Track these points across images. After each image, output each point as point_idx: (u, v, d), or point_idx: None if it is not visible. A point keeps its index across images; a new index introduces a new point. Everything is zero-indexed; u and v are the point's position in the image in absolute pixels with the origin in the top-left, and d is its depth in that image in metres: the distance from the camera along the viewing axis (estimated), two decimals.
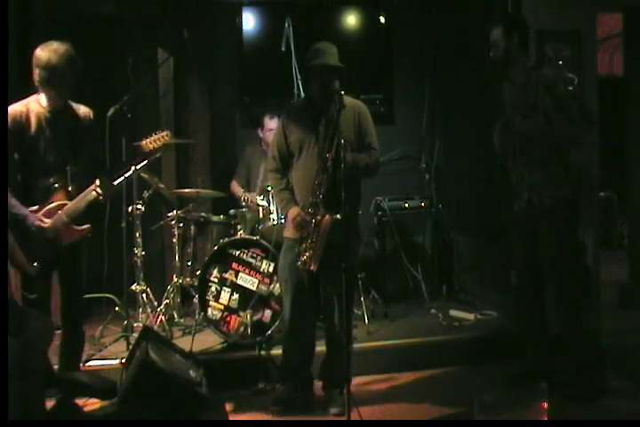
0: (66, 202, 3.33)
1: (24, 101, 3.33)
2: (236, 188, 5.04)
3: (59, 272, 3.43)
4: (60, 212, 3.31)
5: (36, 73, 3.26)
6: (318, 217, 3.28)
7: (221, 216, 4.70)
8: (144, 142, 3.69)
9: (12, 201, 3.18)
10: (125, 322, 4.11)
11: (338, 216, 3.19)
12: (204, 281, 4.19)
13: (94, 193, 3.33)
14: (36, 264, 3.25)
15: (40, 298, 3.28)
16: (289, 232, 3.49)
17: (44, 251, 3.28)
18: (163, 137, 3.73)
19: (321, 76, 3.39)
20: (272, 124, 4.87)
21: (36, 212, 3.27)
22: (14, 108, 3.26)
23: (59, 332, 3.29)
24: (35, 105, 3.32)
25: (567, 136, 3.47)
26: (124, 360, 3.58)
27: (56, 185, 3.31)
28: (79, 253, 3.48)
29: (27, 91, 3.41)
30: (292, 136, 3.47)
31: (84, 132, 3.41)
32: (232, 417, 3.46)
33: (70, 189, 3.35)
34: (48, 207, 3.30)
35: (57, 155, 3.30)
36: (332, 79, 3.38)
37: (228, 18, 5.50)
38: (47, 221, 3.27)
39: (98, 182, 3.33)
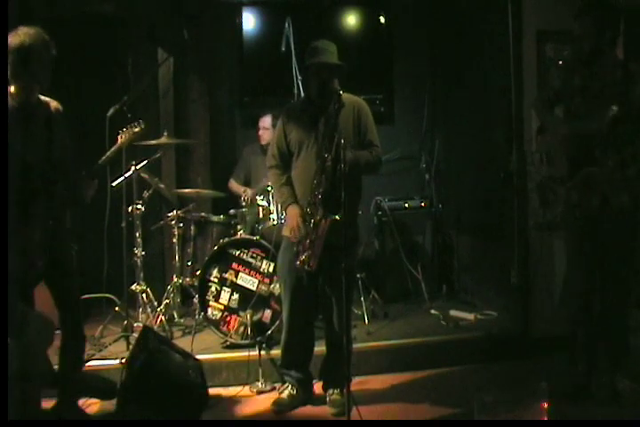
0: None
1: None
2: (234, 186, 5.04)
3: (46, 278, 3.22)
4: None
5: (9, 61, 2.97)
6: (317, 217, 3.28)
7: (221, 216, 4.70)
8: (119, 137, 3.66)
9: None
10: (125, 322, 4.11)
11: (336, 217, 3.18)
12: (204, 281, 4.19)
13: None
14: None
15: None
16: (287, 231, 3.49)
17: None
18: (134, 129, 3.68)
19: (319, 75, 3.37)
20: (263, 122, 4.88)
21: None
22: None
23: (59, 332, 3.28)
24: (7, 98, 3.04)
25: None
26: (124, 360, 3.58)
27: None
28: (69, 260, 3.30)
29: None
30: (291, 135, 3.46)
31: (58, 127, 3.18)
32: (232, 417, 3.46)
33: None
34: None
35: (33, 152, 3.06)
36: (330, 77, 3.36)
37: (228, 18, 5.51)
38: None
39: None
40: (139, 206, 4.41)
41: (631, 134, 3.25)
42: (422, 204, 5.36)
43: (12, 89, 3.05)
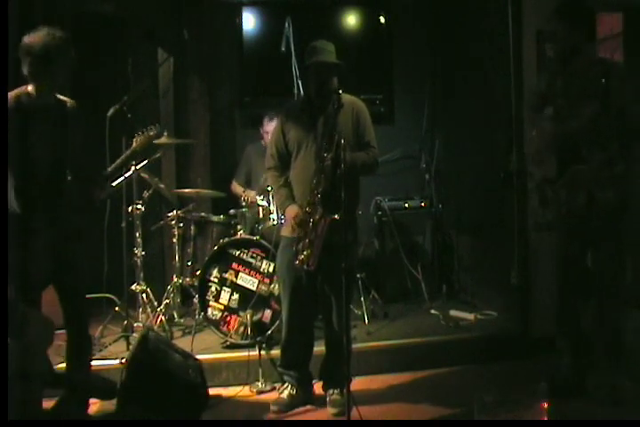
0: None
1: (12, 93, 3.03)
2: (237, 188, 5.04)
3: (54, 281, 3.23)
4: None
5: (28, 61, 2.96)
6: (316, 217, 3.28)
7: (221, 216, 4.70)
8: (135, 141, 3.67)
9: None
10: (125, 322, 4.11)
11: (336, 217, 3.18)
12: (204, 281, 4.19)
13: None
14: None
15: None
16: (286, 231, 3.48)
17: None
18: (149, 133, 3.69)
19: (318, 74, 3.38)
20: (271, 126, 4.86)
21: None
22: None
23: (60, 332, 3.28)
24: (25, 98, 3.04)
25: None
26: (124, 360, 3.58)
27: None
28: (79, 264, 3.29)
29: None
30: (290, 135, 3.46)
31: (73, 126, 3.18)
32: (232, 417, 3.45)
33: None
34: None
35: (50, 151, 3.07)
36: (329, 77, 3.37)
37: (228, 18, 5.51)
38: None
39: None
40: (139, 206, 4.41)
41: (616, 131, 3.25)
42: (422, 204, 5.36)
43: (29, 88, 3.06)
